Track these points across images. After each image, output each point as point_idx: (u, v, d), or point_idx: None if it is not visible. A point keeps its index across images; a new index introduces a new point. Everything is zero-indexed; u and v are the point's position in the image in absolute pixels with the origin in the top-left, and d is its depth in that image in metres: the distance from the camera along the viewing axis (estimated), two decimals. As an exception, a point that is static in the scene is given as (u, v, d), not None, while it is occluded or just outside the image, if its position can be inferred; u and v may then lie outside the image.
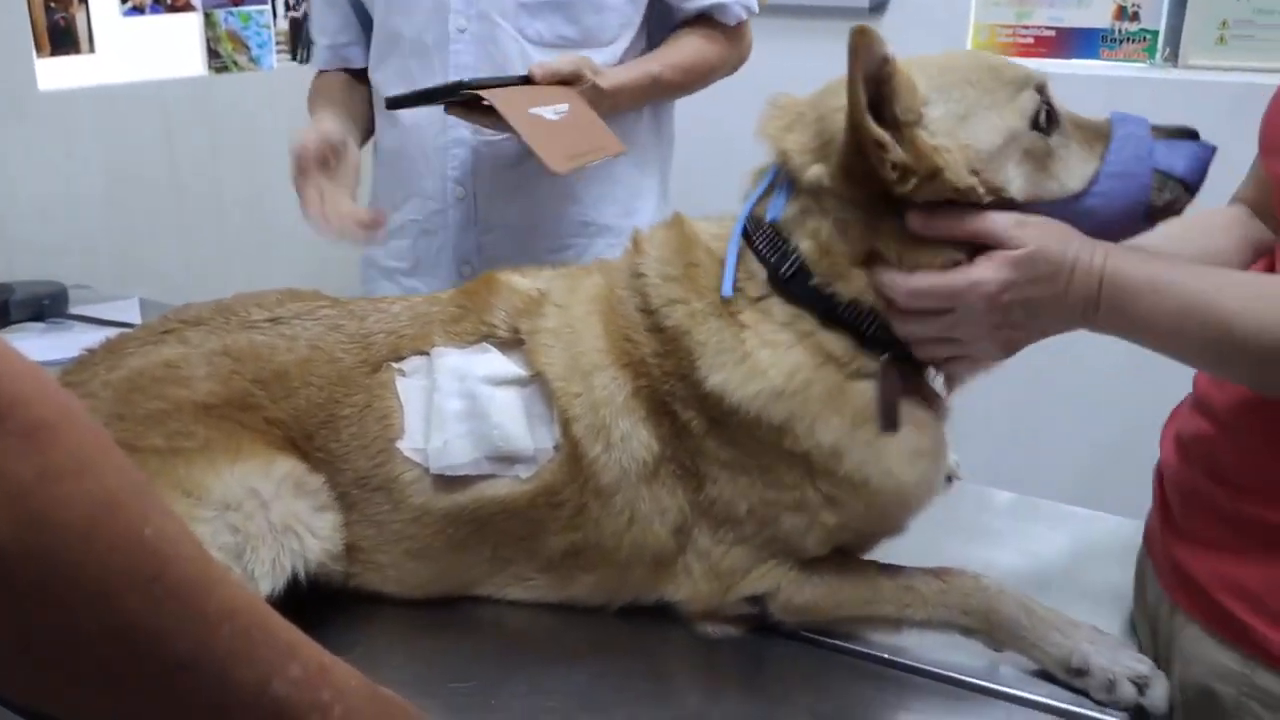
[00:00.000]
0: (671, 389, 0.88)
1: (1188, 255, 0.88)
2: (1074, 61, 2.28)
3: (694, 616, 0.94)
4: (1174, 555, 0.92)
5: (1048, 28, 2.28)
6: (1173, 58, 2.22)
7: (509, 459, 0.91)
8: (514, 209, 1.47)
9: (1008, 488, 1.22)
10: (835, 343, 0.86)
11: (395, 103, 1.35)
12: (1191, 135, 0.87)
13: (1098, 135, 0.86)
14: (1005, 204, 0.82)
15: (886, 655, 0.92)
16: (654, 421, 0.89)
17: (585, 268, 1.00)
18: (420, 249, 1.54)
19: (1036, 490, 1.23)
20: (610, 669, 0.91)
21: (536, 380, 0.92)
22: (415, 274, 1.56)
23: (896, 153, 0.80)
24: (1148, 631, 0.97)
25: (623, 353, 0.90)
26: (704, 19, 1.49)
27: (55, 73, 2.16)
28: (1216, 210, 0.99)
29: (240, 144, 2.48)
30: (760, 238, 0.88)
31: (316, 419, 0.93)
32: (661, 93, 1.48)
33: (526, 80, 1.34)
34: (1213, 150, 0.86)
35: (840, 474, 0.85)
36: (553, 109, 1.31)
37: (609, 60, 1.44)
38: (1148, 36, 2.23)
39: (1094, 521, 1.17)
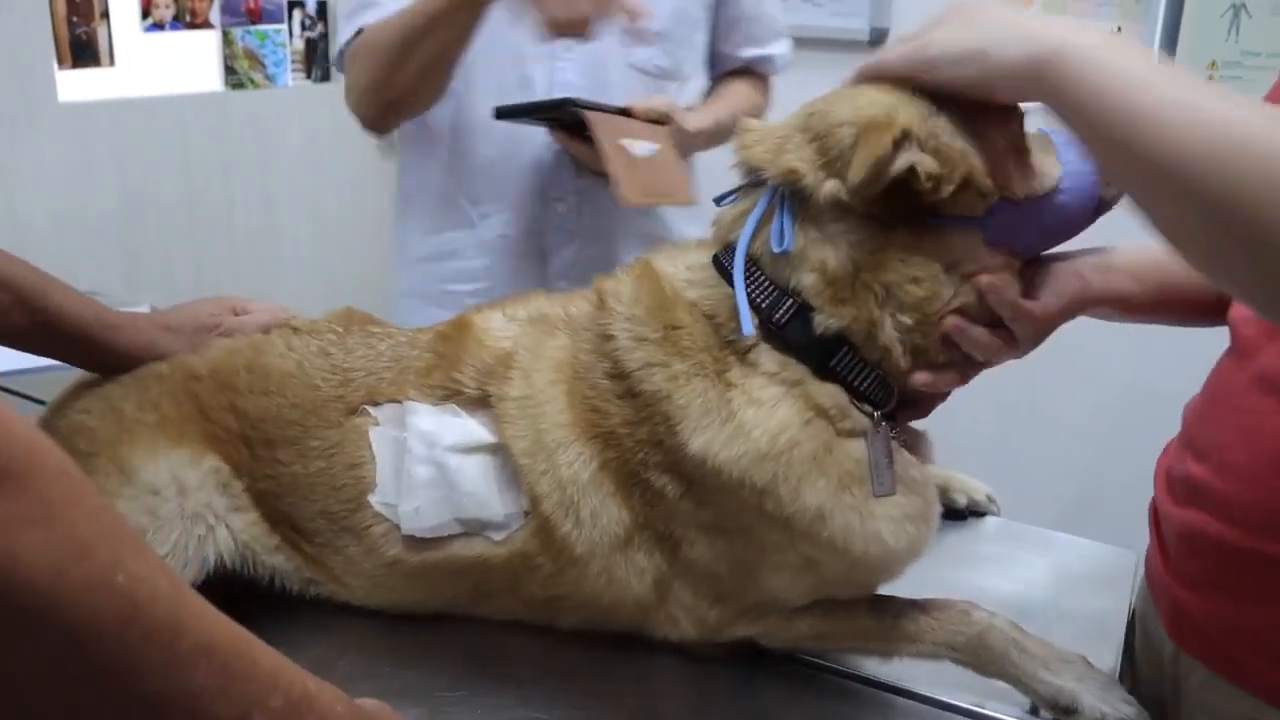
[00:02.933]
0: (645, 458, 0.85)
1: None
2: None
3: (684, 644, 0.94)
4: (1176, 599, 0.90)
5: (1043, 64, 2.35)
6: (1163, 96, 2.28)
7: (480, 523, 0.91)
8: (605, 221, 1.50)
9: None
10: (827, 395, 0.83)
11: (502, 113, 1.35)
12: None
13: (1045, 141, 0.86)
14: (1008, 202, 0.82)
15: (878, 679, 0.93)
16: (624, 494, 0.87)
17: (552, 321, 0.94)
18: (504, 267, 1.50)
19: (1024, 517, 1.23)
20: (599, 684, 0.91)
21: (504, 446, 0.90)
22: (493, 295, 1.47)
23: (928, 162, 0.77)
24: (1153, 674, 0.95)
25: (589, 425, 0.87)
26: (746, 70, 1.61)
27: (75, 84, 2.20)
28: None
29: (253, 159, 2.52)
30: (751, 280, 0.83)
31: (283, 433, 0.94)
32: (724, 138, 1.54)
33: (624, 112, 1.38)
34: None
35: (823, 537, 0.82)
36: (642, 145, 1.36)
37: (691, 95, 1.53)
38: (1139, 75, 2.29)
39: (1081, 548, 1.18)
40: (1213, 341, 0.90)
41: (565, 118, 1.34)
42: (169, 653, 0.47)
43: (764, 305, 0.83)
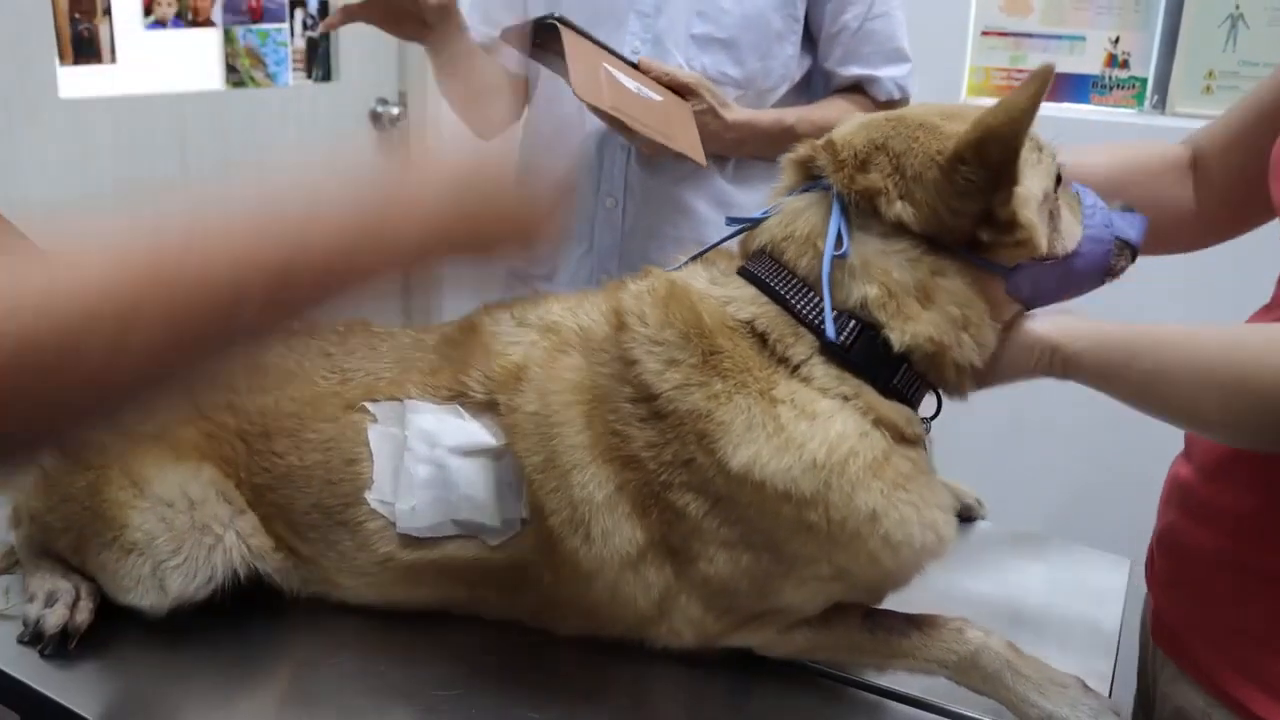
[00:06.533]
0: (668, 479, 0.85)
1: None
2: (1065, 105, 2.34)
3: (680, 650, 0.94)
4: (1155, 599, 0.95)
5: (1041, 72, 2.36)
6: (1161, 105, 2.28)
7: (477, 526, 0.92)
8: (659, 219, 1.52)
9: (991, 519, 1.23)
10: (894, 409, 0.84)
11: (506, 36, 1.38)
12: (1130, 209, 0.93)
13: (1074, 199, 0.89)
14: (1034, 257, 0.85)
15: (873, 684, 0.94)
16: (640, 514, 0.86)
17: (564, 336, 0.93)
18: (560, 256, 1.58)
19: (1016, 522, 1.24)
20: (592, 684, 0.92)
21: (508, 453, 0.90)
22: (553, 280, 1.60)
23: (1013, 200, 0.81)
24: (1141, 671, 0.99)
25: (609, 448, 0.86)
26: (858, 89, 1.55)
27: (76, 81, 2.20)
28: (1164, 148, 1.03)
29: (253, 157, 2.52)
30: (801, 297, 0.84)
31: (280, 425, 0.96)
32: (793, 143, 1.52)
33: (635, 67, 1.37)
34: (1147, 220, 0.93)
35: (877, 536, 0.82)
36: (636, 85, 1.33)
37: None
38: (1137, 84, 2.29)
39: (1073, 554, 1.19)
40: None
41: (553, 43, 1.31)
42: None
43: (819, 323, 0.83)
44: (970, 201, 0.80)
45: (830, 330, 0.82)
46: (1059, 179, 0.87)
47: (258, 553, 0.96)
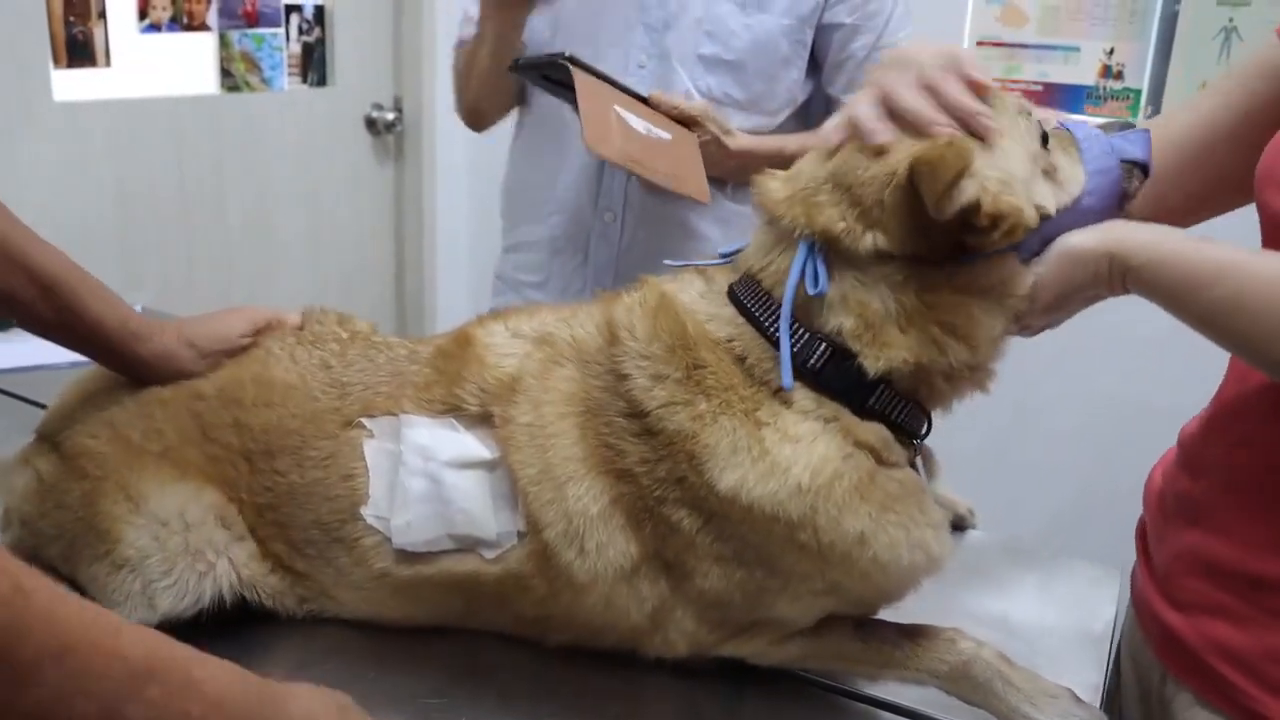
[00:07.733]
0: (662, 494, 0.84)
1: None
2: (1060, 115, 2.36)
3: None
4: (1163, 620, 0.91)
5: (1036, 83, 2.35)
6: (1155, 115, 2.30)
7: (473, 540, 0.91)
8: (657, 235, 1.52)
9: (983, 528, 1.23)
10: (870, 431, 0.82)
11: (516, 67, 1.39)
12: (1129, 125, 0.90)
13: (1068, 140, 0.87)
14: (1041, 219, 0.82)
15: (867, 694, 0.93)
16: (634, 527, 0.86)
17: (558, 347, 0.92)
18: (555, 265, 1.60)
19: (1012, 529, 1.24)
20: (583, 694, 0.92)
21: (503, 465, 0.90)
22: (544, 288, 1.61)
23: (989, 200, 0.77)
24: (1142, 695, 0.96)
25: (603, 460, 0.86)
26: None
27: (71, 84, 2.20)
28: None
29: (248, 161, 2.52)
30: (775, 323, 0.83)
31: (283, 443, 0.95)
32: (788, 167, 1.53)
33: (645, 101, 1.38)
34: (1149, 134, 0.89)
35: (866, 559, 0.82)
36: (645, 125, 1.34)
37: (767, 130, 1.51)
38: (1131, 95, 2.30)
39: (1066, 565, 1.18)
40: (1206, 357, 0.90)
41: (562, 77, 1.32)
42: (4, 661, 0.45)
43: (795, 349, 0.82)
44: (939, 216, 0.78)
45: (788, 381, 0.81)
46: (1045, 136, 0.84)
47: (248, 582, 0.95)
